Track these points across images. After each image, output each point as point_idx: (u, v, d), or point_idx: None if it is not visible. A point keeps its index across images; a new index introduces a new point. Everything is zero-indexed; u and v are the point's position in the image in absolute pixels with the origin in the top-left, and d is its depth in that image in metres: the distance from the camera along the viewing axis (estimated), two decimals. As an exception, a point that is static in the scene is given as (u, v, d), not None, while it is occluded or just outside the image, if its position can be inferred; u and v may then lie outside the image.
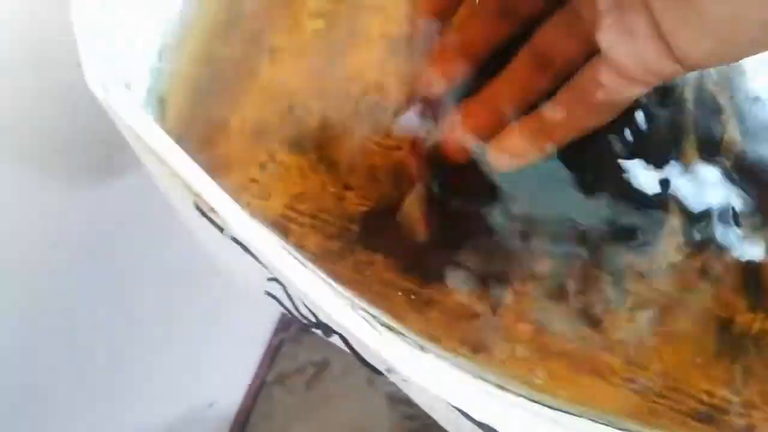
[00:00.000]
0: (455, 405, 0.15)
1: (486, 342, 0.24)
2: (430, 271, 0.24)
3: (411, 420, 0.53)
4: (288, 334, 0.58)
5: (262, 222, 0.24)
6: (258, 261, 0.16)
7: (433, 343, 0.23)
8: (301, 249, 0.24)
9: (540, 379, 0.24)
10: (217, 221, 0.16)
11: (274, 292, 0.17)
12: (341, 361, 0.57)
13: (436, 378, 0.16)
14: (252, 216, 0.24)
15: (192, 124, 0.24)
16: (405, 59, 0.26)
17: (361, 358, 0.16)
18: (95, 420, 0.39)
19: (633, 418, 0.24)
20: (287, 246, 0.23)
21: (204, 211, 0.16)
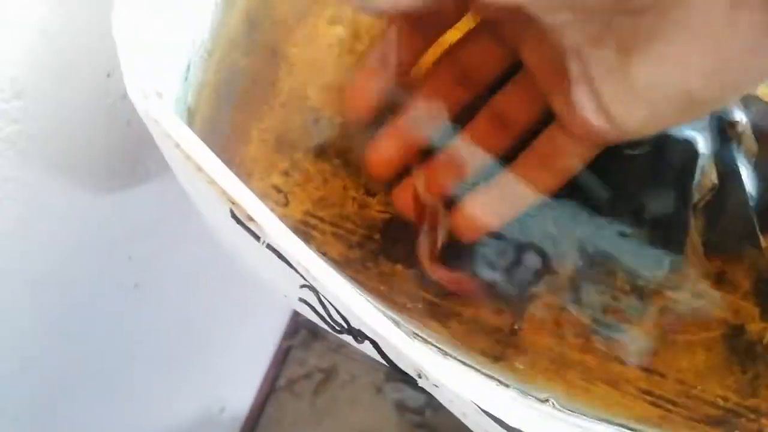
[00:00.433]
0: (487, 410, 0.15)
1: (506, 352, 0.25)
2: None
3: (419, 427, 0.54)
4: (296, 340, 0.58)
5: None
6: (292, 268, 0.16)
7: (456, 351, 0.24)
8: (326, 256, 0.25)
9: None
10: (254, 229, 0.16)
11: (306, 298, 0.17)
12: (349, 368, 0.57)
13: (467, 383, 0.16)
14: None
15: (215, 133, 0.24)
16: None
17: (393, 363, 0.16)
18: (106, 424, 0.40)
19: (647, 424, 0.24)
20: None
21: (240, 219, 0.16)
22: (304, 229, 0.25)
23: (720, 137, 0.24)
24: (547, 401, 0.22)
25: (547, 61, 0.20)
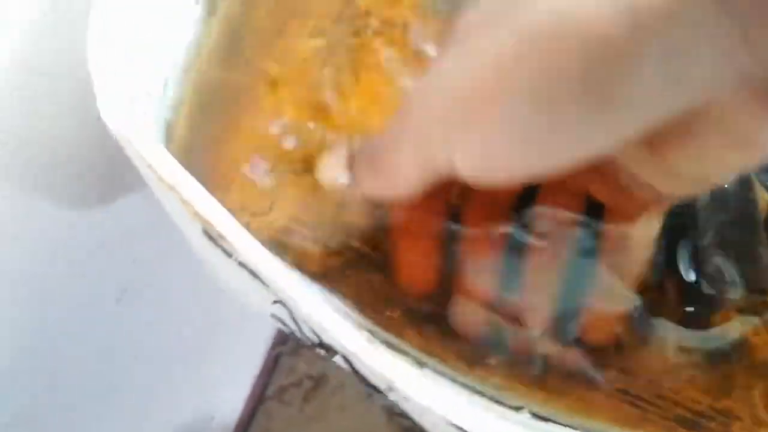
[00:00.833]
0: (456, 423, 0.16)
1: (482, 358, 0.25)
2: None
3: (408, 432, 0.54)
4: (285, 348, 0.58)
5: (262, 240, 0.25)
6: (264, 284, 0.16)
7: (432, 358, 0.24)
8: (302, 266, 0.25)
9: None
10: (226, 247, 0.16)
11: (279, 314, 0.17)
12: (339, 375, 0.57)
13: (436, 396, 0.16)
14: (253, 234, 0.25)
15: (194, 149, 0.25)
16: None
17: (363, 378, 0.16)
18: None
19: (624, 425, 0.24)
20: (292, 269, 0.23)
21: (212, 237, 0.16)
22: (282, 240, 0.25)
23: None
24: (522, 409, 0.22)
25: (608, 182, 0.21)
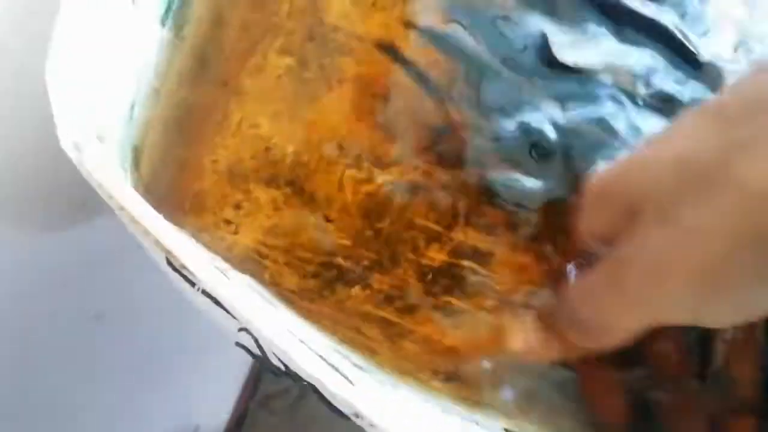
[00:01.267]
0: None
1: (458, 372, 0.25)
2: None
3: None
4: (271, 356, 0.58)
5: (236, 261, 0.25)
6: (228, 313, 0.16)
7: (406, 376, 0.24)
8: (278, 287, 0.25)
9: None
10: (188, 276, 0.16)
11: (244, 342, 0.17)
12: (325, 382, 0.56)
13: (403, 424, 0.16)
14: (227, 254, 0.25)
15: (165, 169, 0.25)
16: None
17: (329, 404, 0.16)
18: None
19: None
20: (260, 292, 0.23)
21: (175, 267, 0.16)
22: (257, 259, 0.25)
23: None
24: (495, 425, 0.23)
25: None
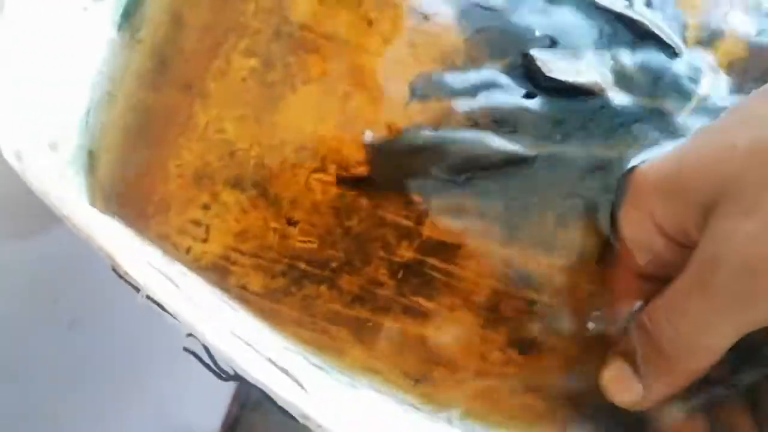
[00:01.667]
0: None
1: (430, 373, 0.25)
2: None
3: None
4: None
5: (201, 268, 0.25)
6: (175, 318, 0.16)
7: (374, 376, 0.24)
8: (244, 290, 0.25)
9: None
10: (133, 282, 0.16)
11: (192, 347, 0.17)
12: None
13: (352, 424, 0.16)
14: (191, 261, 0.25)
15: (125, 172, 0.24)
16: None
17: (277, 405, 0.16)
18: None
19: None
20: (219, 296, 0.23)
21: (119, 274, 0.16)
22: (224, 264, 0.25)
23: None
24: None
25: None
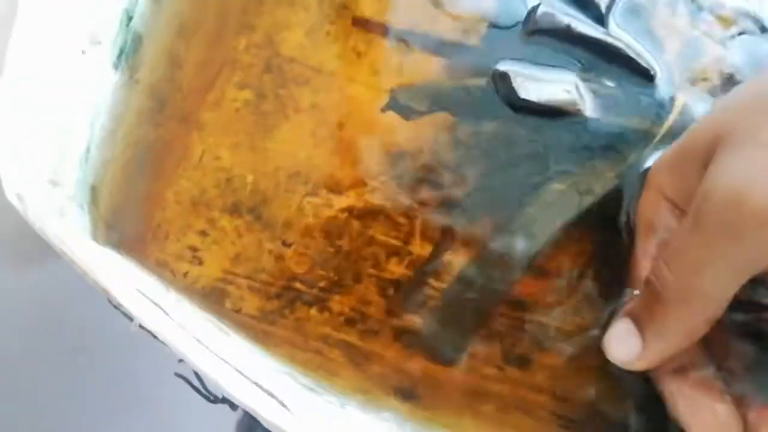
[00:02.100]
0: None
1: (418, 391, 0.26)
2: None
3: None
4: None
5: (198, 292, 0.26)
6: (166, 345, 0.18)
7: (361, 396, 0.25)
8: (239, 313, 0.26)
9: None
10: (126, 312, 0.17)
11: (183, 372, 0.18)
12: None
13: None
14: (188, 285, 0.26)
15: (127, 205, 0.26)
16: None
17: (261, 425, 0.17)
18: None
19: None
20: (213, 321, 0.24)
21: (114, 304, 0.17)
22: (221, 286, 0.26)
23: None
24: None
25: None
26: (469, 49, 0.28)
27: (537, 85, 0.27)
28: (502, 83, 0.27)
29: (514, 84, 0.27)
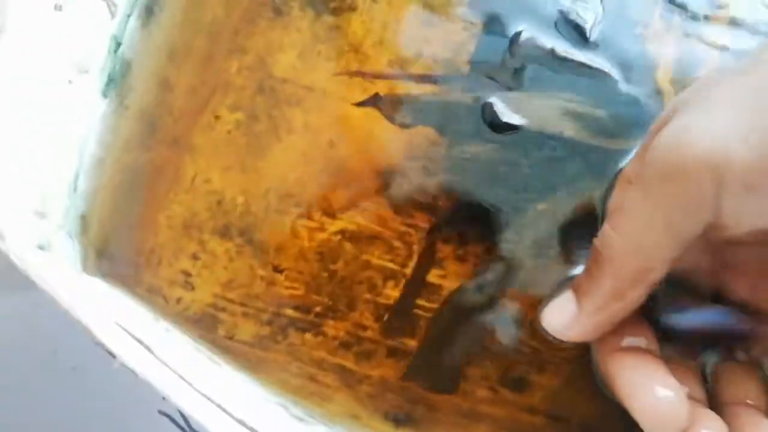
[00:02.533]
0: None
1: (413, 413, 0.25)
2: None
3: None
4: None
5: (191, 320, 0.26)
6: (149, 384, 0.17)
7: (352, 422, 0.24)
8: (231, 340, 0.26)
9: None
10: (108, 350, 0.17)
11: (167, 410, 0.18)
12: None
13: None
14: (180, 313, 0.26)
15: (118, 231, 0.26)
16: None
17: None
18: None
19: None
20: (204, 351, 0.24)
21: (96, 342, 0.17)
22: (213, 312, 0.26)
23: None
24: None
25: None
26: (459, 78, 0.28)
27: (521, 111, 0.27)
28: (487, 110, 0.27)
29: (496, 109, 0.27)
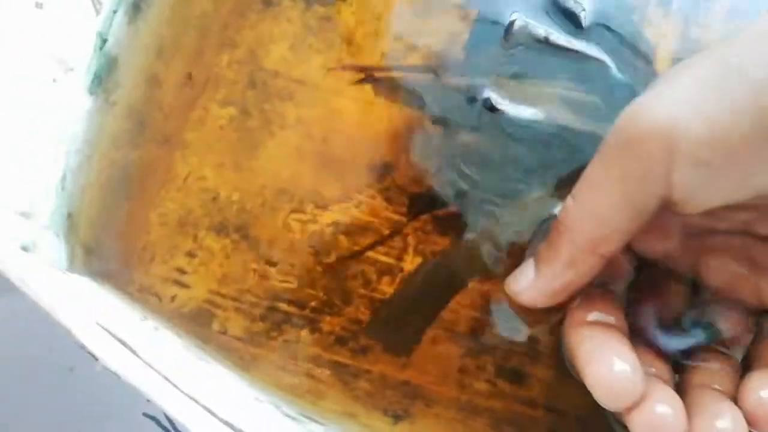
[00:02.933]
0: None
1: (411, 408, 0.25)
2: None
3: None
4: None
5: (184, 317, 0.25)
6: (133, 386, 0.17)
7: (348, 420, 0.24)
8: (225, 335, 0.25)
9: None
10: (91, 352, 0.17)
11: (151, 412, 0.18)
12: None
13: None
14: (177, 307, 0.25)
15: (107, 229, 0.25)
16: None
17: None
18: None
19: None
20: (193, 350, 0.24)
21: (78, 344, 0.17)
22: (208, 309, 0.26)
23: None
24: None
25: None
26: (454, 67, 0.27)
27: (516, 99, 0.27)
28: (482, 99, 0.27)
29: (491, 98, 0.27)
